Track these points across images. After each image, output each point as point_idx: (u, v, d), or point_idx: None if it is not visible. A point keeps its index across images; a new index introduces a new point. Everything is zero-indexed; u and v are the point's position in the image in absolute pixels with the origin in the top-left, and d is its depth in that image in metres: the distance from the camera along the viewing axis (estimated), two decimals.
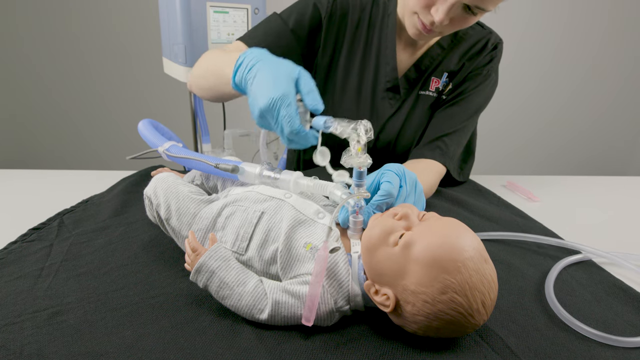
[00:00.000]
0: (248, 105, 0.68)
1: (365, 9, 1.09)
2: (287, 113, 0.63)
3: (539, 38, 3.05)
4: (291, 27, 1.03)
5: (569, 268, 0.78)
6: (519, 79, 3.07)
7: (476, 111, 1.10)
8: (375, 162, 0.96)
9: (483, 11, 0.88)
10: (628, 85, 3.22)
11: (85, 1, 2.80)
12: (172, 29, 1.37)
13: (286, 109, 0.63)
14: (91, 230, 0.85)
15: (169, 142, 0.80)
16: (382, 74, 1.09)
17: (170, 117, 2.33)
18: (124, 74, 2.98)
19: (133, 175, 1.13)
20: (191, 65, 1.37)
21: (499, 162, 3.16)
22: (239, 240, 0.63)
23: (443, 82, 1.10)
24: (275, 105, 0.63)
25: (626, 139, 3.41)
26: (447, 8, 0.86)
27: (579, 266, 0.79)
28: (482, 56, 1.09)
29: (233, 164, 0.70)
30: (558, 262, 0.77)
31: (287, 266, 0.60)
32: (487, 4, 0.85)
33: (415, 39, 1.00)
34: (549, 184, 1.29)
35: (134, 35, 2.86)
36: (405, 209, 0.58)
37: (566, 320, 0.62)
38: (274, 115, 0.64)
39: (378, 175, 0.66)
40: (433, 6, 0.88)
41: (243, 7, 1.41)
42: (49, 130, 3.13)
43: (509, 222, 0.96)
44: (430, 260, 0.51)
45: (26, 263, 0.72)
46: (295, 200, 0.65)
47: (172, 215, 0.69)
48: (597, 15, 3.02)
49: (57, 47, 2.91)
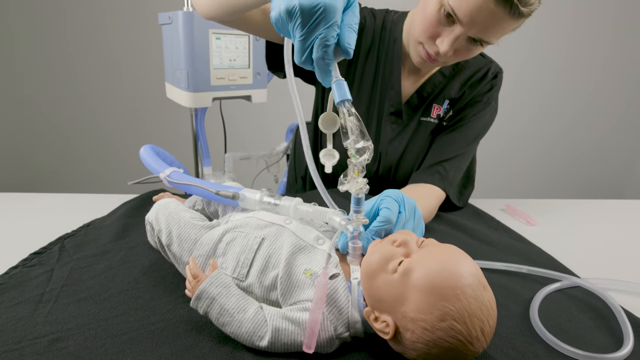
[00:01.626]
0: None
1: (376, 30, 1.12)
2: (327, 33, 0.53)
3: (540, 64, 3.11)
4: None
5: (567, 292, 0.78)
6: (519, 105, 3.12)
7: (476, 137, 1.12)
8: (376, 189, 0.97)
9: (487, 43, 0.90)
10: (630, 109, 3.27)
11: (89, 26, 2.86)
12: (175, 55, 1.40)
13: (327, 27, 0.52)
14: (92, 254, 0.85)
15: (170, 168, 0.81)
16: (387, 97, 1.12)
17: (172, 140, 2.35)
18: (127, 98, 3.02)
19: (134, 199, 1.14)
20: (194, 90, 1.39)
21: (498, 185, 3.18)
22: (239, 267, 0.64)
23: (444, 109, 1.12)
24: (319, 12, 0.51)
25: (626, 162, 3.43)
26: (452, 40, 0.89)
27: (577, 290, 0.79)
28: (483, 84, 1.11)
29: (233, 191, 0.70)
30: (547, 287, 0.77)
31: (287, 292, 0.60)
32: (490, 37, 0.88)
33: (419, 67, 1.02)
34: (548, 207, 1.30)
35: (137, 60, 2.91)
36: (404, 235, 0.59)
37: (557, 346, 0.62)
38: (309, 22, 0.52)
39: (377, 201, 0.67)
40: (438, 37, 0.91)
41: (245, 34, 1.45)
42: (52, 153, 3.15)
43: (508, 247, 0.97)
44: (429, 288, 0.51)
45: (27, 288, 0.72)
46: (295, 227, 0.66)
47: (173, 241, 0.69)
48: (598, 41, 3.08)
49: (60, 70, 2.95)
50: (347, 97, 0.56)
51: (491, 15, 0.83)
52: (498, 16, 0.83)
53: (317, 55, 0.54)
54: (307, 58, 0.55)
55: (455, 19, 0.87)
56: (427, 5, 0.91)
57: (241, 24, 0.97)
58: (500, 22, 0.84)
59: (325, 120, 0.64)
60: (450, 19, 0.88)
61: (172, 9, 1.35)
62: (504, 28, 0.87)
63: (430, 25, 0.91)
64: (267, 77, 1.59)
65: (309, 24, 0.52)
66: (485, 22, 0.85)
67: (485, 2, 0.81)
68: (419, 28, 0.95)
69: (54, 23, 2.84)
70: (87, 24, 2.85)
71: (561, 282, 0.79)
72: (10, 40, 2.88)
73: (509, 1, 0.80)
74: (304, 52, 0.55)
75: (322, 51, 0.53)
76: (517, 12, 0.81)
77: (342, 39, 0.54)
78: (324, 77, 0.56)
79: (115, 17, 2.84)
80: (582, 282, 0.79)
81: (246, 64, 1.50)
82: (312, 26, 0.52)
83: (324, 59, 0.54)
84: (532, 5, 0.82)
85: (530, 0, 0.81)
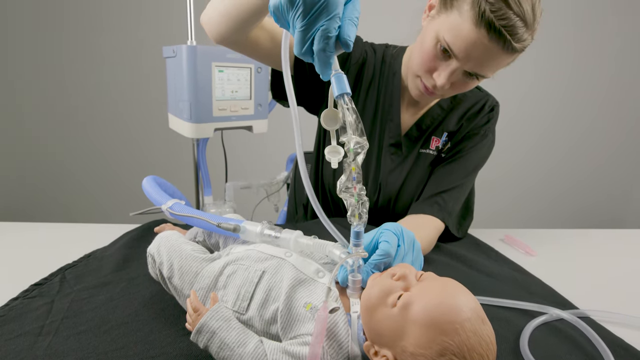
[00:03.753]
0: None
1: (377, 64, 1.15)
2: (329, 25, 0.52)
3: (539, 93, 3.18)
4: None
5: (569, 324, 0.78)
6: (519, 134, 3.17)
7: (474, 169, 1.14)
8: (376, 220, 0.97)
9: (482, 77, 0.93)
10: (629, 138, 3.31)
11: (95, 58, 2.92)
12: (178, 87, 1.43)
13: (329, 19, 0.51)
14: (93, 285, 0.85)
15: (172, 200, 0.82)
16: (387, 129, 1.14)
17: (174, 170, 2.38)
18: (130, 128, 3.06)
19: (136, 229, 1.14)
20: (196, 121, 1.41)
21: (497, 213, 3.19)
22: (240, 300, 0.64)
23: (443, 141, 1.15)
24: (321, 2, 0.51)
25: (624, 189, 3.45)
26: (449, 74, 0.92)
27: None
28: (480, 117, 1.14)
29: (234, 223, 0.71)
30: (535, 319, 0.77)
31: (288, 326, 0.60)
32: (486, 72, 0.91)
33: (417, 99, 1.05)
34: (547, 237, 1.30)
35: (140, 92, 2.96)
36: (403, 269, 0.59)
37: None
38: (311, 12, 0.51)
39: (376, 234, 0.68)
40: (435, 71, 0.95)
41: (246, 67, 1.48)
42: (54, 182, 3.17)
43: (508, 278, 0.97)
44: (428, 322, 0.52)
45: (27, 320, 0.72)
46: (295, 260, 0.67)
47: (174, 274, 0.70)
48: (595, 71, 3.16)
49: (63, 100, 3.00)
50: (347, 91, 0.55)
51: (486, 50, 0.86)
52: (492, 51, 0.86)
53: (318, 47, 0.52)
54: (308, 50, 0.54)
55: (451, 54, 0.90)
56: (424, 40, 0.95)
57: (250, 48, 0.99)
58: (495, 57, 0.87)
59: (327, 116, 0.63)
60: (446, 54, 0.91)
61: (176, 42, 1.39)
62: (499, 63, 0.90)
63: (427, 60, 0.95)
64: (268, 107, 1.61)
65: (310, 14, 0.51)
66: (480, 57, 0.88)
67: (479, 39, 0.84)
68: (417, 62, 0.98)
69: (60, 53, 2.91)
70: (93, 56, 2.92)
71: (546, 314, 0.79)
72: (13, 69, 2.93)
73: (502, 37, 0.83)
74: (305, 44, 0.54)
75: (323, 43, 0.52)
76: (511, 47, 0.84)
77: (342, 32, 0.53)
78: (323, 69, 0.55)
79: (121, 50, 2.90)
80: (567, 315, 0.78)
81: (248, 95, 1.53)
82: (313, 16, 0.51)
83: (325, 51, 0.53)
84: (524, 41, 0.85)
85: (522, 37, 0.84)
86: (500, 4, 0.81)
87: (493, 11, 0.81)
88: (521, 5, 0.82)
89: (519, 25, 0.82)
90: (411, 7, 1.02)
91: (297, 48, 0.54)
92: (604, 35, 3.07)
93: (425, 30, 0.96)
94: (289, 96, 0.59)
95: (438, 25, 0.91)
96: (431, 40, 0.92)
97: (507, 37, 0.82)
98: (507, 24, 0.82)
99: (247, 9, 0.84)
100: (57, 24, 2.87)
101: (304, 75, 1.08)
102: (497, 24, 0.81)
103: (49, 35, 2.88)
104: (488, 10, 0.81)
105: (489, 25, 0.82)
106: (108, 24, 2.88)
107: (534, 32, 0.86)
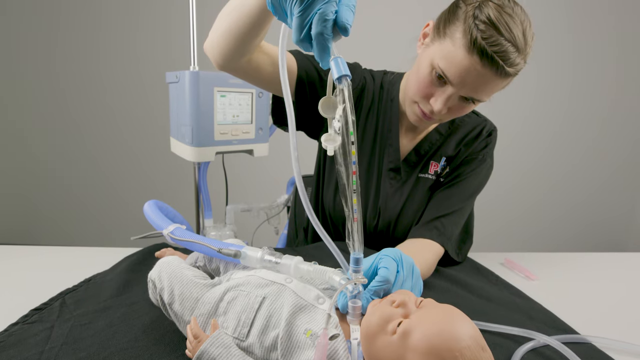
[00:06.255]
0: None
1: (375, 90, 1.17)
2: (326, 8, 0.53)
3: (539, 116, 3.22)
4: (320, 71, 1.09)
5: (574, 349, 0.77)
6: (518, 156, 3.20)
7: (472, 193, 1.15)
8: (376, 244, 0.97)
9: (478, 101, 0.95)
10: (629, 161, 3.33)
11: (100, 82, 2.97)
12: (180, 111, 1.45)
13: (326, 3, 0.53)
14: (92, 311, 0.85)
15: (173, 225, 0.83)
16: (386, 154, 1.15)
17: (174, 193, 2.39)
18: (132, 151, 3.08)
19: (136, 253, 1.14)
20: (198, 145, 1.43)
21: (496, 235, 3.18)
22: (240, 326, 0.64)
23: (441, 166, 1.16)
24: None
25: (623, 211, 3.45)
26: (445, 99, 0.94)
27: (582, 347, 0.79)
28: (478, 142, 1.16)
29: (235, 249, 0.72)
30: (524, 345, 0.76)
31: (288, 353, 0.60)
32: (481, 96, 0.93)
33: (415, 124, 1.07)
34: (547, 261, 1.30)
35: (143, 116, 3.00)
36: (402, 296, 0.60)
37: None
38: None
39: (375, 260, 0.68)
40: (432, 97, 0.96)
41: (248, 92, 1.51)
42: (55, 205, 3.17)
43: (508, 303, 0.97)
44: (427, 350, 0.52)
45: (26, 346, 0.72)
46: (295, 286, 0.67)
47: (175, 300, 0.70)
48: (595, 93, 3.20)
49: (66, 123, 3.03)
50: (346, 73, 0.54)
51: (479, 76, 0.88)
52: (486, 77, 0.88)
53: (316, 30, 0.53)
54: (306, 35, 0.55)
55: (446, 80, 0.92)
56: (420, 67, 0.97)
57: (253, 72, 0.99)
58: (489, 82, 0.89)
59: (326, 104, 0.63)
60: (441, 80, 0.93)
61: (179, 68, 1.42)
62: (493, 87, 0.92)
63: (423, 86, 0.97)
64: (269, 131, 1.63)
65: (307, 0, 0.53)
66: (474, 83, 0.90)
67: (472, 65, 0.87)
68: (414, 88, 1.00)
69: (66, 79, 2.95)
70: (98, 81, 2.96)
71: (534, 340, 0.78)
72: (15, 89, 2.97)
73: (495, 63, 0.85)
74: (303, 29, 0.54)
75: (321, 26, 0.53)
76: (504, 72, 0.86)
77: (339, 17, 0.54)
78: (322, 54, 0.55)
79: (124, 76, 2.96)
80: (553, 341, 0.77)
81: (249, 119, 1.55)
82: (310, 0, 0.53)
83: (323, 34, 0.53)
84: (517, 65, 0.87)
85: (515, 61, 0.86)
86: (491, 31, 0.84)
87: (484, 38, 0.84)
88: (512, 31, 0.84)
89: (511, 50, 0.84)
90: (406, 36, 1.05)
91: (296, 35, 0.55)
92: (604, 58, 3.12)
93: (420, 57, 0.98)
94: (289, 114, 0.60)
95: (432, 53, 0.93)
96: (426, 67, 0.94)
97: (499, 62, 0.84)
98: (499, 50, 0.84)
99: (247, 20, 0.83)
100: (60, 51, 2.92)
101: (304, 99, 1.10)
102: (489, 50, 0.84)
103: (53, 61, 2.93)
104: (480, 37, 0.84)
105: (481, 52, 0.84)
106: (113, 51, 2.93)
107: (526, 56, 0.88)
